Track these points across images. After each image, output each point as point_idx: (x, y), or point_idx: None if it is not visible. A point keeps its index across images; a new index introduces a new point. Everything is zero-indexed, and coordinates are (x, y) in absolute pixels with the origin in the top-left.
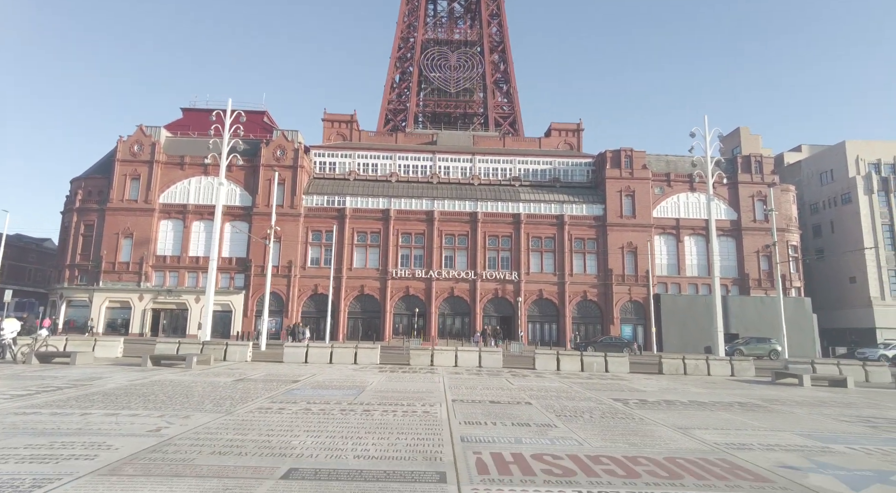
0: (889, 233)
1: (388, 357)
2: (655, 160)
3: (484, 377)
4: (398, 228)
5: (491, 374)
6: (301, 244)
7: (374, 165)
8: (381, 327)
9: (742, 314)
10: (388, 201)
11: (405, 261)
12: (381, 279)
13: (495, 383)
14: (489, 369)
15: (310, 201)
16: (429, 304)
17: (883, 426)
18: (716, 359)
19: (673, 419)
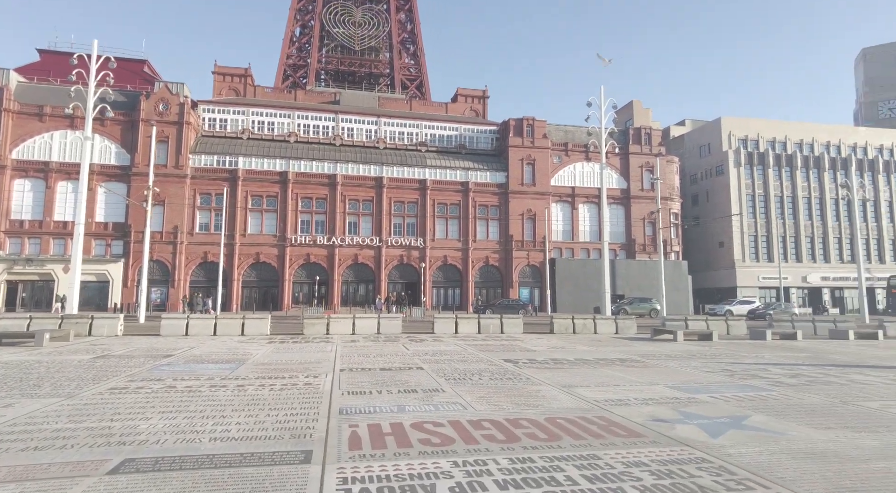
0: (751, 202)
1: (280, 327)
2: (555, 130)
3: (380, 344)
4: (298, 192)
5: (388, 340)
6: (188, 208)
7: (270, 124)
8: (280, 297)
9: (628, 276)
10: (287, 163)
11: (306, 227)
12: (279, 246)
13: (391, 349)
14: (388, 335)
15: (198, 161)
16: (331, 271)
17: (738, 374)
18: (602, 318)
19: (558, 378)
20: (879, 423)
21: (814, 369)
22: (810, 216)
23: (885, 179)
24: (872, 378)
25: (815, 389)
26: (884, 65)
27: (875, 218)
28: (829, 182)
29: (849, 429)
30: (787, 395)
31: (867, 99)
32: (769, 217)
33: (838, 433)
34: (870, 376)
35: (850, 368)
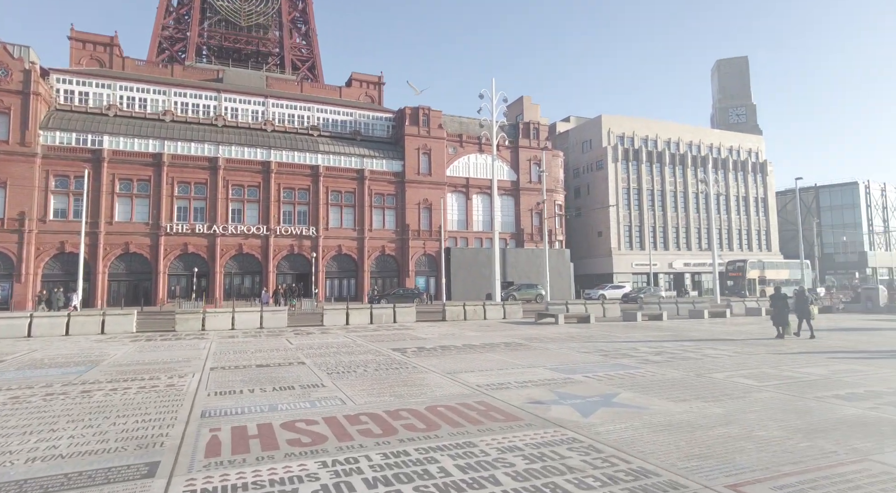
0: (626, 195)
1: (149, 324)
2: (450, 121)
3: (262, 339)
4: (174, 176)
5: (272, 335)
6: (39, 192)
7: (142, 101)
8: (154, 291)
9: (517, 264)
10: (161, 144)
11: (183, 214)
12: (152, 235)
13: (273, 344)
14: (272, 329)
15: (51, 138)
16: (213, 263)
17: (611, 354)
18: (491, 304)
19: (445, 365)
20: (723, 392)
21: (675, 345)
22: (676, 209)
23: (734, 177)
24: (721, 352)
25: (675, 364)
26: (733, 76)
27: (726, 211)
28: (691, 178)
29: (700, 400)
30: (652, 371)
31: (720, 105)
32: (642, 209)
33: (692, 404)
34: (719, 349)
35: (704, 342)
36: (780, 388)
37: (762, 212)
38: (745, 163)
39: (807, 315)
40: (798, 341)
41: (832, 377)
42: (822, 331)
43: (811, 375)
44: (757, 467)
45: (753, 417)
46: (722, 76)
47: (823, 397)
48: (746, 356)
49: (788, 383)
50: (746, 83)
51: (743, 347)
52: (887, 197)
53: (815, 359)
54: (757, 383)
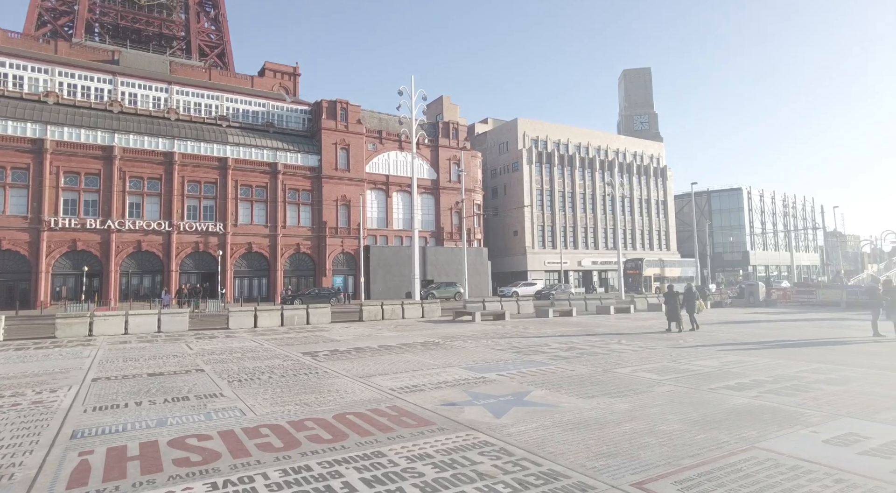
0: (540, 196)
1: (22, 330)
2: (370, 116)
3: (158, 344)
4: (60, 164)
5: (170, 339)
6: None
7: (18, 78)
8: (34, 293)
9: (437, 262)
10: (43, 129)
11: (71, 208)
12: (31, 230)
13: (170, 349)
14: (171, 333)
15: None
16: (107, 261)
17: (524, 350)
18: (409, 303)
19: (358, 368)
20: (629, 387)
21: (584, 341)
22: (585, 210)
23: (638, 181)
24: (625, 346)
25: (583, 360)
26: (638, 85)
27: (630, 212)
28: (598, 181)
29: (607, 395)
30: (562, 368)
31: (626, 113)
32: (554, 210)
33: (599, 400)
34: (624, 344)
35: (610, 337)
36: (678, 381)
37: (662, 214)
38: (647, 168)
39: (692, 310)
40: (692, 335)
41: (723, 369)
42: (714, 324)
43: (705, 367)
44: (660, 462)
45: (656, 411)
46: (628, 85)
47: (716, 388)
48: (649, 351)
49: (686, 376)
50: (649, 93)
51: (645, 341)
52: (765, 202)
53: (708, 352)
54: (658, 377)
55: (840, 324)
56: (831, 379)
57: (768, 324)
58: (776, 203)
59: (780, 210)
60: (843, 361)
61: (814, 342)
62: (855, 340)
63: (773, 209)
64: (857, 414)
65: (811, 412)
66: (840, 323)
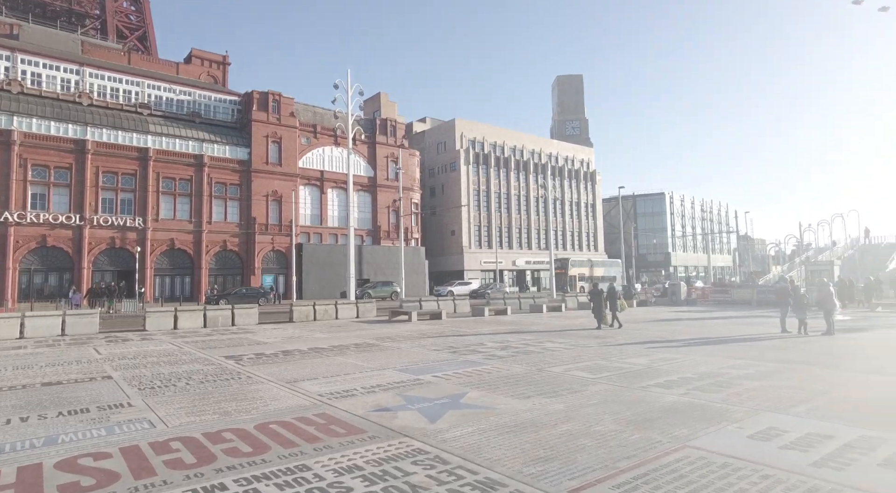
0: (477, 197)
1: None
2: (304, 110)
3: (60, 349)
4: None
5: (76, 343)
6: None
7: None
8: None
9: (373, 261)
10: None
11: None
12: None
13: (74, 354)
14: (77, 336)
15: None
16: (4, 257)
17: (460, 350)
18: (343, 303)
19: (285, 373)
20: (563, 386)
21: (519, 339)
22: (519, 211)
23: (569, 184)
24: (558, 345)
25: (518, 359)
26: (570, 92)
27: (562, 214)
28: (532, 183)
29: (543, 395)
30: (498, 367)
31: (559, 118)
32: (490, 210)
33: (535, 401)
34: (557, 342)
35: (544, 335)
36: (611, 379)
37: (591, 216)
38: (578, 172)
39: (615, 308)
40: (621, 333)
41: (652, 366)
42: (641, 322)
43: (636, 365)
44: (597, 465)
45: (591, 411)
46: (561, 91)
47: (647, 386)
48: (581, 349)
49: (618, 374)
50: (581, 99)
51: (577, 339)
52: (685, 206)
53: (637, 350)
54: (591, 376)
55: (753, 321)
56: (750, 375)
57: (690, 322)
58: (695, 208)
59: (699, 214)
60: (759, 356)
61: (732, 339)
62: (767, 336)
63: (692, 213)
64: (775, 408)
65: (735, 408)
66: (753, 320)
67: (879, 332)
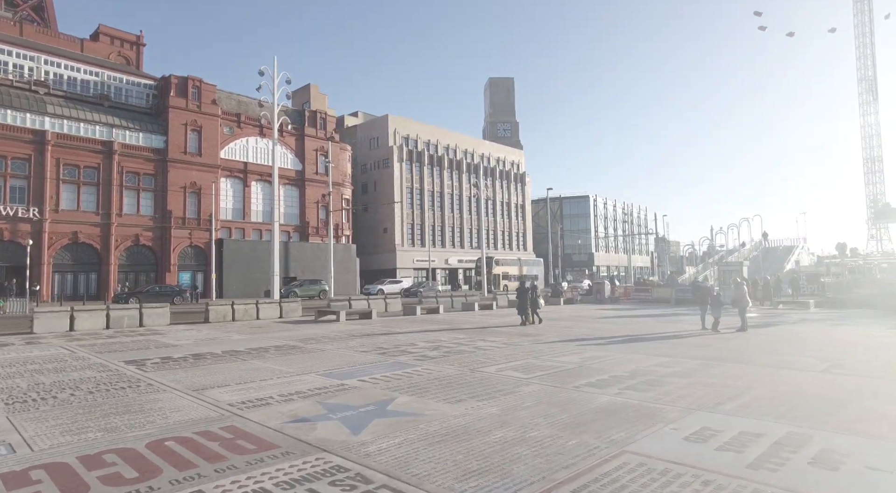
0: (410, 194)
1: None
2: (226, 98)
3: None
4: None
5: None
6: None
7: None
8: None
9: (301, 259)
10: None
11: None
12: None
13: None
14: None
15: None
16: None
17: (390, 351)
18: (265, 303)
19: (193, 379)
20: (497, 388)
21: (451, 338)
22: (452, 209)
23: (500, 185)
24: (491, 343)
25: (451, 359)
26: (502, 94)
27: (493, 214)
28: (465, 183)
29: (475, 398)
30: (429, 369)
31: (491, 119)
32: (423, 208)
33: (468, 405)
34: (489, 340)
35: (476, 334)
36: (544, 379)
37: (521, 217)
38: (509, 173)
39: (535, 306)
40: (553, 330)
41: (584, 365)
42: (569, 320)
43: (567, 364)
44: (535, 477)
45: (525, 414)
46: (493, 93)
47: (580, 386)
48: (513, 348)
49: (550, 373)
50: (512, 102)
51: (510, 338)
52: (608, 208)
53: (568, 347)
54: (524, 376)
55: (674, 319)
56: (678, 372)
57: (616, 319)
58: (617, 210)
59: (620, 216)
60: (684, 353)
61: (657, 336)
62: (688, 333)
63: (614, 215)
64: (706, 407)
65: (668, 407)
66: (674, 318)
67: (785, 328)
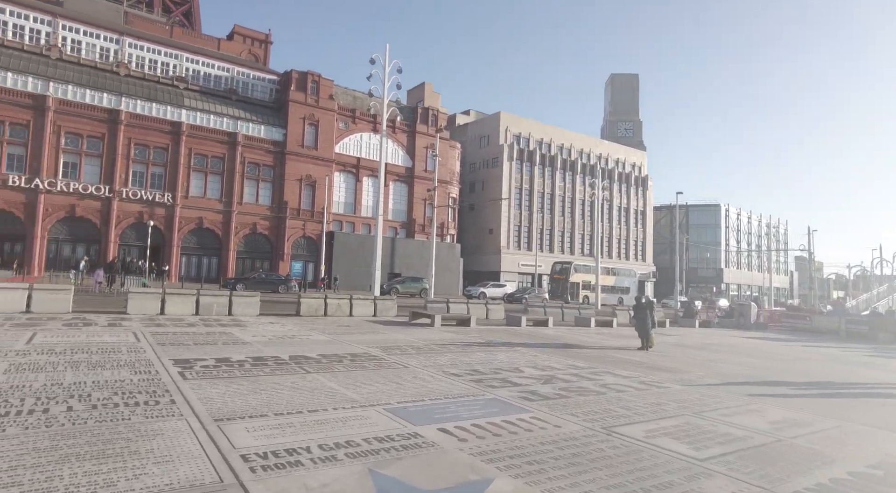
0: (518, 195)
1: None
2: (343, 93)
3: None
4: None
5: (19, 326)
6: None
7: None
8: None
9: (406, 255)
10: None
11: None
12: None
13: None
14: (39, 315)
15: None
16: (31, 225)
17: (487, 379)
18: (360, 298)
19: (228, 398)
20: (655, 476)
21: (566, 365)
22: (563, 213)
23: (618, 188)
24: (622, 380)
25: (570, 403)
26: (624, 91)
27: (609, 220)
28: (579, 185)
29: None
30: (542, 420)
31: (611, 118)
32: (532, 210)
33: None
34: (619, 375)
35: (599, 363)
36: (731, 467)
37: (640, 224)
38: (628, 176)
39: (652, 325)
40: (700, 366)
41: (781, 438)
42: (713, 350)
43: (752, 432)
44: None
45: None
46: (614, 90)
47: (804, 491)
48: (656, 391)
49: (736, 453)
50: (636, 100)
51: (645, 372)
52: (742, 220)
53: (738, 398)
54: (696, 456)
55: (865, 360)
56: None
57: (777, 354)
58: (752, 222)
59: (756, 230)
60: None
61: (870, 389)
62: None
63: (748, 228)
64: None
65: None
66: (864, 359)
67: None
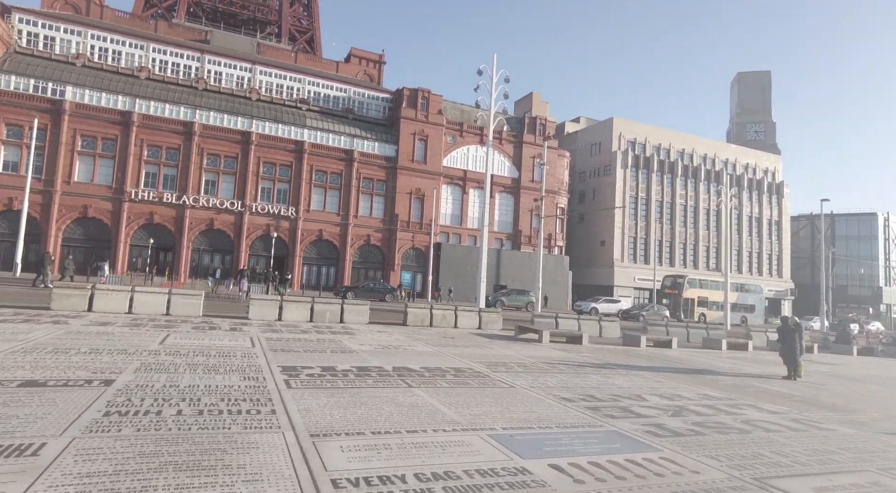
0: (633, 204)
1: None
2: (451, 107)
3: (131, 332)
4: (144, 137)
5: (160, 326)
6: None
7: (116, 53)
8: (112, 260)
9: (511, 267)
10: (132, 102)
11: (151, 180)
12: (114, 200)
13: (134, 340)
14: (174, 318)
15: (5, 82)
16: (180, 236)
17: (605, 407)
18: (465, 309)
19: (328, 411)
20: None
21: (698, 397)
22: (685, 223)
23: (748, 196)
24: (769, 416)
25: (707, 442)
26: (754, 90)
27: (738, 231)
28: (703, 193)
29: None
30: (673, 462)
31: (738, 120)
32: (649, 220)
33: None
34: (765, 411)
35: (738, 394)
36: None
37: (775, 235)
38: (760, 182)
39: (800, 351)
40: (859, 399)
41: None
42: (888, 384)
43: None
44: None
45: None
46: (742, 90)
47: None
48: (818, 433)
49: None
50: (768, 99)
51: (799, 407)
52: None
53: None
54: None
55: None
56: None
57: None
58: None
59: None
60: None
61: None
62: None
63: None
64: None
65: None
66: None
67: None
